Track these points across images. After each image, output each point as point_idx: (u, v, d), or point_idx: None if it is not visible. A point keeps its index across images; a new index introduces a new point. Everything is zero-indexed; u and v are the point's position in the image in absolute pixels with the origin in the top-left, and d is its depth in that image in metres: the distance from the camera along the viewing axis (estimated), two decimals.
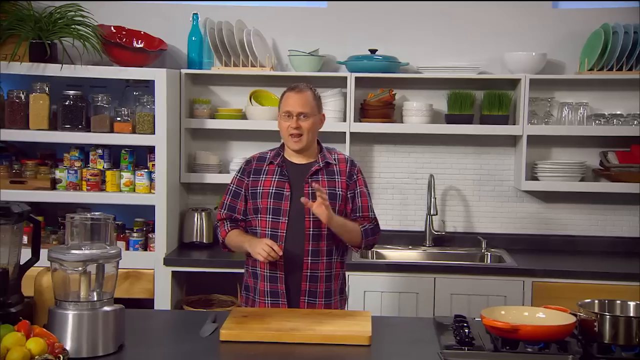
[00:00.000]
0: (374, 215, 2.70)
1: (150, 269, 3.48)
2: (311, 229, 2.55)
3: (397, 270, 3.42)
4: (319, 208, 2.45)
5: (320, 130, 2.73)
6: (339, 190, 2.62)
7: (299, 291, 2.57)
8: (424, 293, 3.40)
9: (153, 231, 3.56)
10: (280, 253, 2.48)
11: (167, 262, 3.49)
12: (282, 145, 2.70)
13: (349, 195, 2.64)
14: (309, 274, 2.57)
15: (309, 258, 2.57)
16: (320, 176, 2.62)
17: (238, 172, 2.71)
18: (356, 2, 3.85)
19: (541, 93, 3.76)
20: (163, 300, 3.47)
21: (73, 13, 3.50)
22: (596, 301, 2.22)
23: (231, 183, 2.71)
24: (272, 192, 2.59)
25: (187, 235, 3.75)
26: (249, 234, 2.65)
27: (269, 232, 2.58)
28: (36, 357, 1.75)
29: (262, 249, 2.45)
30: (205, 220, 3.75)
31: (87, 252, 2.05)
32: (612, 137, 3.69)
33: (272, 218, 2.58)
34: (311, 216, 2.55)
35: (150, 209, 3.54)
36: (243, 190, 2.66)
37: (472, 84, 3.78)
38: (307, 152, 2.64)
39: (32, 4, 3.52)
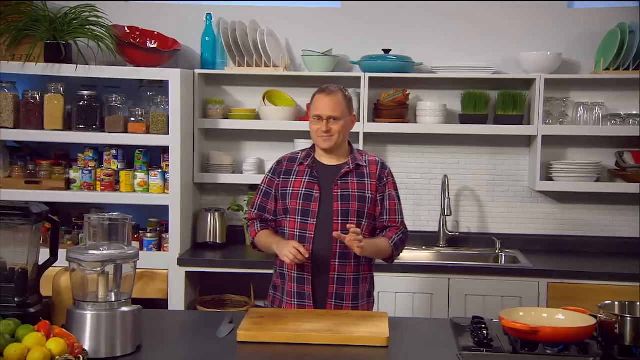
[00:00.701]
0: (402, 218, 2.68)
1: (164, 269, 3.48)
2: (339, 232, 2.53)
3: (411, 271, 3.41)
4: (353, 243, 2.44)
5: None
6: (368, 193, 2.61)
7: (326, 293, 2.57)
8: (438, 294, 3.39)
9: (167, 231, 3.57)
10: (307, 256, 2.47)
11: (181, 262, 3.49)
12: (313, 146, 2.69)
13: (378, 198, 2.63)
14: (336, 276, 2.56)
15: (337, 260, 2.56)
16: (350, 178, 2.61)
17: (269, 172, 2.71)
18: (370, 2, 3.84)
19: (556, 93, 3.74)
20: (177, 301, 3.47)
21: (88, 13, 3.51)
22: (616, 303, 2.20)
23: (262, 183, 2.72)
24: (301, 193, 2.59)
25: (200, 235, 3.75)
26: (278, 235, 2.64)
27: (298, 233, 2.57)
28: (57, 358, 1.75)
29: (288, 251, 2.45)
30: (218, 220, 3.75)
31: (105, 252, 2.05)
32: (628, 137, 3.66)
33: (300, 219, 2.57)
34: (339, 218, 2.55)
35: (164, 209, 3.54)
36: (273, 190, 2.66)
37: (487, 84, 3.77)
38: (337, 152, 2.63)
39: (47, 5, 3.53)
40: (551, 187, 3.71)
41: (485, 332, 2.21)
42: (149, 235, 3.60)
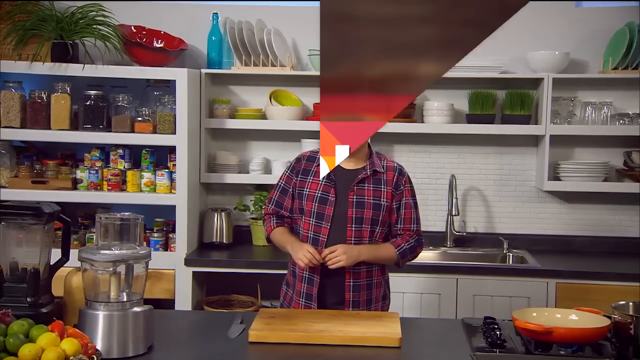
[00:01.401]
0: (417, 227, 2.64)
1: (171, 269, 3.47)
2: (352, 238, 2.52)
3: (419, 271, 3.40)
4: (332, 262, 2.45)
5: None
6: (383, 201, 2.57)
7: (342, 301, 2.55)
8: (446, 294, 3.38)
9: (173, 231, 3.56)
10: (321, 260, 2.46)
11: (188, 262, 3.48)
12: None
13: (394, 206, 2.59)
14: (351, 283, 2.55)
15: (351, 268, 2.53)
16: (366, 184, 2.57)
17: (287, 169, 2.70)
18: None
19: (564, 92, 3.72)
20: (184, 301, 3.46)
21: (94, 13, 3.50)
22: (631, 303, 2.19)
23: (280, 179, 2.70)
24: (317, 196, 2.57)
25: (207, 235, 3.74)
26: (293, 235, 2.63)
27: (311, 235, 2.56)
28: (71, 358, 1.74)
29: (303, 255, 2.44)
30: (225, 220, 3.74)
31: (117, 252, 2.04)
32: (636, 136, 3.63)
33: (315, 222, 2.56)
34: (353, 225, 2.53)
35: (171, 209, 3.53)
36: (291, 188, 2.65)
37: (494, 83, 3.76)
38: (357, 155, 2.60)
39: (54, 4, 3.52)
40: (559, 186, 3.70)
41: (498, 332, 2.20)
42: (155, 235, 3.59)
